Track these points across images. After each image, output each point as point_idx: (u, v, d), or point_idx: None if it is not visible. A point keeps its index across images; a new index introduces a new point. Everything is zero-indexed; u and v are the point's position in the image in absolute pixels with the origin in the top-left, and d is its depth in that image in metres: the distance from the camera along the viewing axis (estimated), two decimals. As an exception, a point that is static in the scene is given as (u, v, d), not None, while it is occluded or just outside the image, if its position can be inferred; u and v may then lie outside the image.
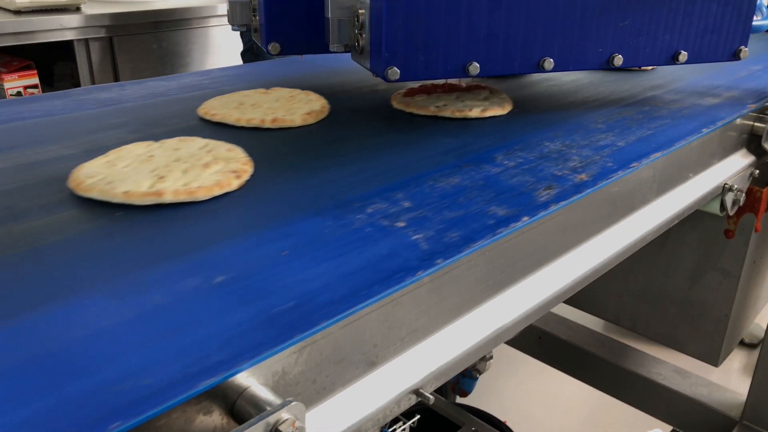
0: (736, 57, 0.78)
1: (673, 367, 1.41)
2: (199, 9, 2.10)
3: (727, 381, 1.91)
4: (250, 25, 0.84)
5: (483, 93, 0.82)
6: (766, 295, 1.32)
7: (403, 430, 1.26)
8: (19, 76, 1.90)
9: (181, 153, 0.59)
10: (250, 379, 0.34)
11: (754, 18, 1.12)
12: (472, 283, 0.49)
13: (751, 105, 0.82)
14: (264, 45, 0.79)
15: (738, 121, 0.82)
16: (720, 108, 0.80)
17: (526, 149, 0.65)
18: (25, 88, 1.90)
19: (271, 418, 0.32)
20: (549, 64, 0.70)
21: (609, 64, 0.73)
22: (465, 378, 1.54)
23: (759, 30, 1.26)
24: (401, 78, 0.64)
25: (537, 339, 1.54)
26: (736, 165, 0.85)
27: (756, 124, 0.86)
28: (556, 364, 1.54)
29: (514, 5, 0.67)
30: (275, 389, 0.36)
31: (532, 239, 0.54)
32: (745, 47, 0.78)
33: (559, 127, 0.73)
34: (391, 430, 1.25)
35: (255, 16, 0.81)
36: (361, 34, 0.67)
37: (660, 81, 0.94)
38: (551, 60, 0.70)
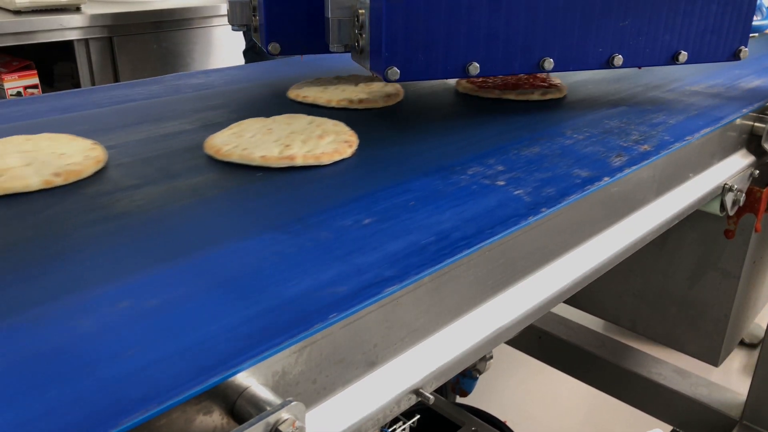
0: (736, 57, 0.78)
1: (673, 367, 1.41)
2: (200, 9, 2.10)
3: (727, 381, 1.91)
4: (250, 25, 0.84)
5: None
6: (766, 295, 1.32)
7: (403, 430, 1.26)
8: (19, 76, 1.90)
9: (294, 127, 0.67)
10: (250, 379, 0.34)
11: (754, 18, 1.12)
12: (472, 283, 0.49)
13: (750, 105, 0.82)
14: (264, 45, 0.79)
15: (738, 121, 0.82)
16: (720, 108, 0.80)
17: (590, 126, 0.73)
18: (25, 88, 1.91)
19: (271, 418, 0.32)
20: (549, 64, 0.70)
21: (609, 65, 0.73)
22: (465, 378, 1.54)
23: (759, 30, 1.27)
24: (401, 78, 0.64)
25: (537, 339, 1.54)
26: (736, 165, 0.85)
27: (756, 124, 0.86)
28: (556, 364, 1.54)
29: (514, 5, 0.67)
30: (275, 389, 0.36)
31: (532, 239, 0.54)
32: (745, 47, 0.78)
33: (612, 108, 0.80)
34: (391, 430, 1.25)
35: (255, 16, 0.82)
36: (361, 34, 0.67)
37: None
38: (551, 60, 0.70)
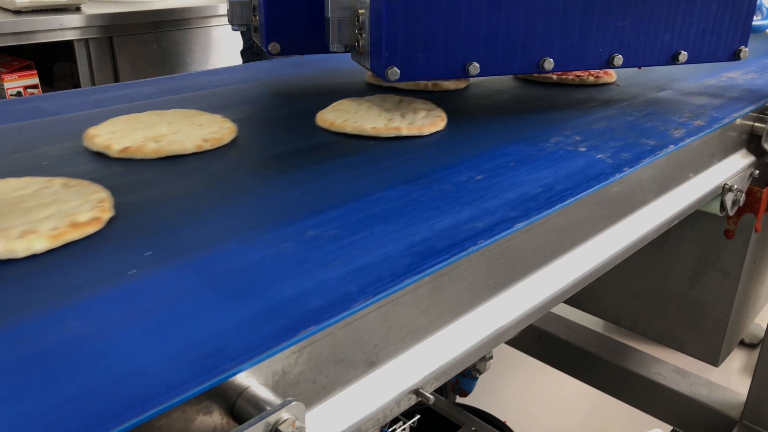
0: (736, 57, 0.78)
1: (673, 367, 1.41)
2: (199, 9, 2.10)
3: (727, 381, 1.91)
4: (249, 25, 0.84)
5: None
6: (766, 295, 1.32)
7: (403, 430, 1.26)
8: (19, 76, 1.90)
9: (388, 105, 0.76)
10: (250, 379, 0.34)
11: (754, 18, 1.12)
12: (472, 283, 0.49)
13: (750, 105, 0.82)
14: (264, 45, 0.79)
15: (738, 121, 0.82)
16: (720, 108, 0.80)
17: (646, 106, 0.81)
18: (25, 88, 1.90)
19: (271, 418, 0.32)
20: (549, 64, 0.70)
21: (609, 65, 0.73)
22: (465, 378, 1.54)
23: (759, 30, 1.26)
24: (401, 78, 0.64)
25: (537, 339, 1.54)
26: (736, 165, 0.85)
27: (756, 124, 0.86)
28: (556, 364, 1.54)
29: (514, 5, 0.67)
30: (275, 389, 0.36)
31: (532, 239, 0.54)
32: (745, 47, 0.78)
33: (660, 92, 0.88)
34: (391, 430, 1.25)
35: (255, 16, 0.82)
36: (361, 34, 0.67)
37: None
38: (551, 60, 0.70)
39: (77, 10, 1.91)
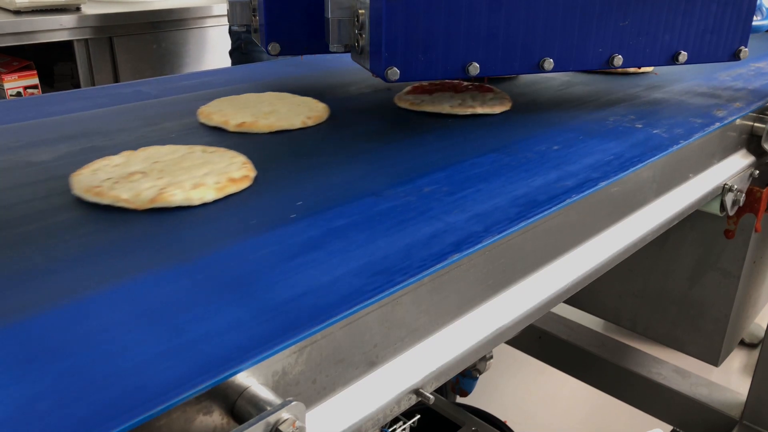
0: (736, 57, 0.78)
1: (673, 367, 1.41)
2: (200, 9, 2.10)
3: (727, 381, 1.91)
4: (249, 25, 0.84)
5: None
6: (766, 295, 1.32)
7: (403, 430, 1.26)
8: (19, 76, 1.90)
9: (454, 92, 0.84)
10: (250, 379, 0.34)
11: (754, 18, 1.12)
12: (472, 283, 0.49)
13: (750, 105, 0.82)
14: (264, 45, 0.79)
15: (738, 121, 0.82)
16: (720, 108, 0.80)
17: (686, 92, 0.89)
18: (25, 88, 1.91)
19: (271, 418, 0.32)
20: (549, 64, 0.70)
21: (609, 65, 0.73)
22: (465, 378, 1.54)
23: (759, 30, 1.26)
24: (401, 78, 0.64)
25: (537, 339, 1.54)
26: (736, 165, 0.85)
27: (756, 125, 0.86)
28: (556, 364, 1.54)
29: (514, 5, 0.67)
30: (275, 389, 0.36)
31: (532, 239, 0.54)
32: (745, 47, 0.78)
33: (692, 81, 0.96)
34: (391, 430, 1.25)
35: (255, 16, 0.82)
36: (361, 34, 0.67)
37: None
38: (551, 60, 0.70)
39: (77, 10, 1.91)
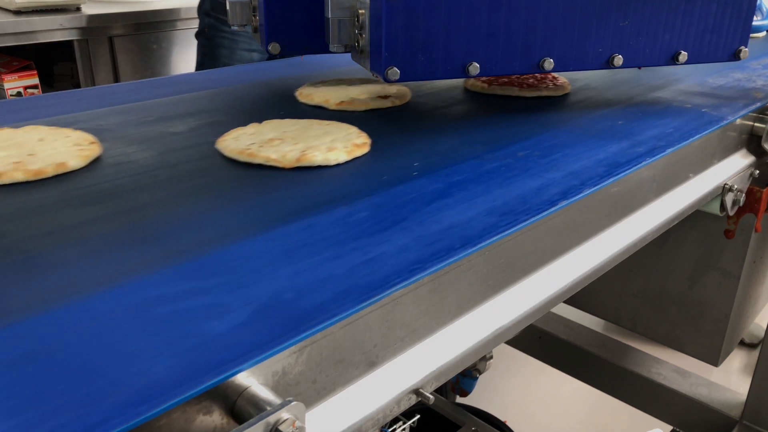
0: (736, 57, 0.78)
1: (673, 367, 1.41)
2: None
3: (727, 381, 1.91)
4: (249, 25, 0.84)
5: None
6: (766, 295, 1.32)
7: (403, 430, 1.26)
8: (19, 77, 1.90)
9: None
10: (250, 379, 0.34)
11: (754, 18, 1.12)
12: (472, 283, 0.49)
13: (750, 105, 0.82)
14: (264, 45, 0.79)
15: (738, 121, 0.82)
16: (720, 108, 0.80)
17: (722, 76, 0.98)
18: (25, 88, 1.91)
19: (271, 418, 0.32)
20: (549, 64, 0.70)
21: (609, 65, 0.73)
22: (465, 378, 1.54)
23: (759, 30, 1.26)
24: (401, 78, 0.64)
25: (537, 339, 1.54)
26: (736, 165, 0.86)
27: (756, 124, 0.86)
28: (556, 364, 1.54)
29: (514, 5, 0.67)
30: (275, 389, 0.36)
31: (532, 239, 0.54)
32: (745, 47, 0.78)
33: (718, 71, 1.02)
34: (391, 430, 1.25)
35: (255, 16, 0.82)
36: (361, 34, 0.67)
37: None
38: (551, 60, 0.70)
39: (77, 10, 1.91)
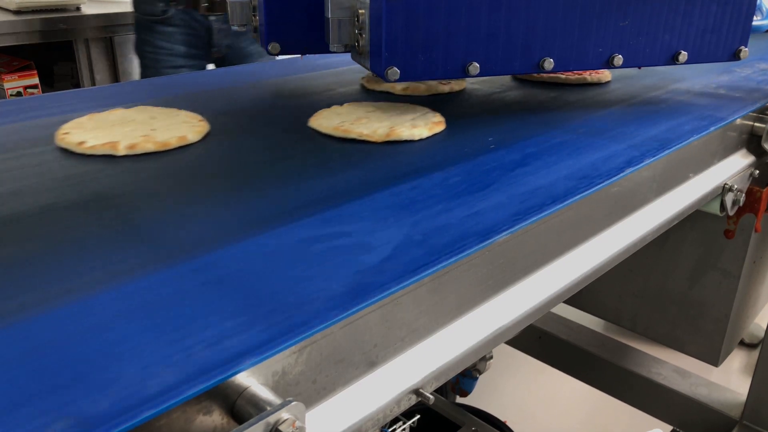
0: (736, 57, 0.78)
1: (673, 367, 1.41)
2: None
3: (727, 381, 1.91)
4: (250, 25, 0.84)
5: None
6: (766, 295, 1.32)
7: (403, 430, 1.26)
8: (19, 76, 1.90)
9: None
10: (250, 379, 0.34)
11: (754, 18, 1.12)
12: (472, 283, 0.49)
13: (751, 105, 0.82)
14: (264, 45, 0.79)
15: (738, 121, 0.82)
16: (720, 108, 0.80)
17: (722, 77, 0.98)
18: (25, 88, 1.91)
19: (271, 418, 0.32)
20: (549, 64, 0.70)
21: (609, 65, 0.73)
22: (465, 378, 1.54)
23: (759, 30, 1.26)
24: (401, 78, 0.64)
25: (537, 339, 1.54)
26: (736, 165, 0.85)
27: (756, 124, 0.86)
28: (556, 364, 1.54)
29: (514, 5, 0.67)
30: (275, 389, 0.36)
31: (532, 239, 0.54)
32: (745, 47, 0.78)
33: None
34: (391, 430, 1.25)
35: (255, 16, 0.82)
36: (361, 34, 0.67)
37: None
38: (551, 60, 0.70)
39: (77, 10, 1.91)
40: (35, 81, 1.92)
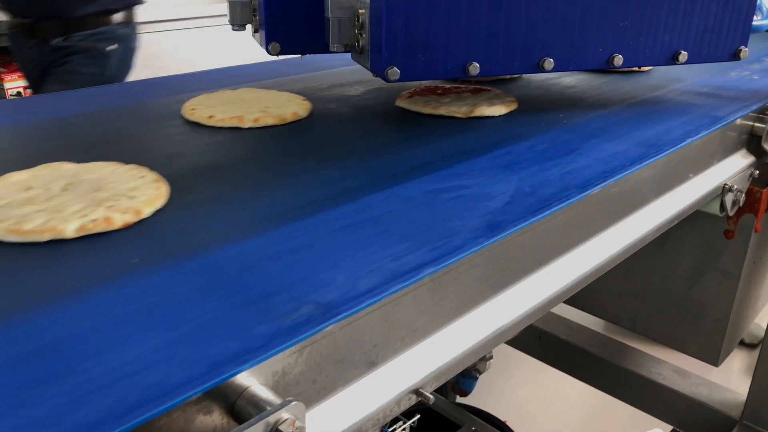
0: (736, 57, 0.78)
1: (673, 367, 1.41)
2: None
3: (727, 381, 1.91)
4: (250, 25, 0.84)
5: None
6: (766, 295, 1.32)
7: (403, 429, 1.26)
8: (19, 76, 1.90)
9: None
10: (250, 379, 0.34)
11: (754, 18, 1.12)
12: (472, 283, 0.49)
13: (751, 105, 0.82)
14: (264, 45, 0.79)
15: (738, 121, 0.82)
16: (720, 108, 0.80)
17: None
18: (25, 88, 1.91)
19: (271, 418, 0.32)
20: (549, 64, 0.70)
21: (609, 64, 0.73)
22: (465, 378, 1.54)
23: (759, 30, 1.26)
24: (401, 78, 0.64)
25: (537, 339, 1.54)
26: (736, 165, 0.85)
27: (756, 125, 0.86)
28: (556, 364, 1.54)
29: (514, 5, 0.67)
30: (275, 389, 0.36)
31: (532, 239, 0.54)
32: (745, 47, 0.78)
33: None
34: (391, 429, 1.25)
35: (255, 16, 0.82)
36: (361, 34, 0.67)
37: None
38: (551, 60, 0.70)
39: (77, 10, 1.90)
40: (35, 81, 1.91)
